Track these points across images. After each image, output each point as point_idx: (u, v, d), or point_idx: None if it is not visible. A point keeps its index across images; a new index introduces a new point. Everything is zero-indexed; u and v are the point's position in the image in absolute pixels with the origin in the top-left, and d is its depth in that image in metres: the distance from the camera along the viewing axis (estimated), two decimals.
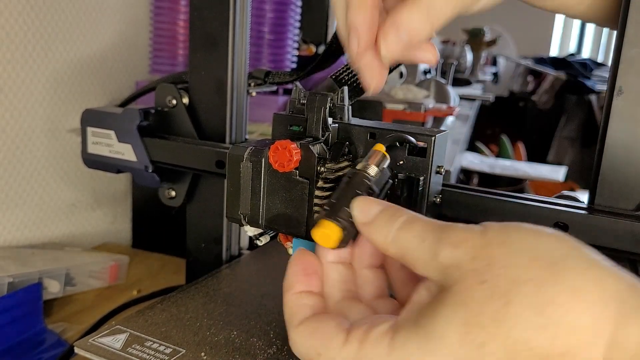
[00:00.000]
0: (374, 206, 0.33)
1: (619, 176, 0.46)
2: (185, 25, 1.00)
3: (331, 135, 0.43)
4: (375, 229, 0.32)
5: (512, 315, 0.25)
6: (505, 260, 0.27)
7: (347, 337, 0.29)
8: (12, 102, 0.87)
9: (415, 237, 0.30)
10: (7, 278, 0.70)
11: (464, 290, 0.27)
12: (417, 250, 0.29)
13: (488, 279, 0.26)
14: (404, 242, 0.30)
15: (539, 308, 0.25)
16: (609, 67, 0.46)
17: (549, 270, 0.26)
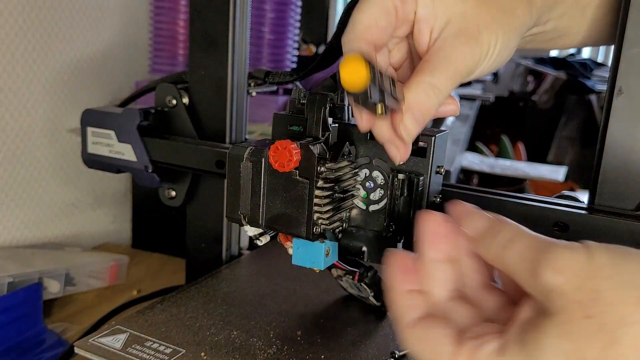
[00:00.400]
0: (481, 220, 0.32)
1: (619, 176, 0.46)
2: (185, 25, 1.00)
3: (331, 135, 0.43)
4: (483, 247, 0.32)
5: (618, 355, 0.25)
6: (612, 296, 0.27)
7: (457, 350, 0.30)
8: (12, 102, 0.87)
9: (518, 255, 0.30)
10: (7, 278, 0.70)
11: (568, 322, 0.27)
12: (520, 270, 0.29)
13: (594, 314, 0.26)
14: (509, 261, 0.30)
15: None
16: (609, 67, 0.46)
17: None
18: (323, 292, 0.58)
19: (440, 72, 0.37)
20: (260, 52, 1.02)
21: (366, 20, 0.37)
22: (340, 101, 0.44)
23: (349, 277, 0.53)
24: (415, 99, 0.36)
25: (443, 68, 0.37)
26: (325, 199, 0.41)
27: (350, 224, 0.46)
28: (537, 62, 2.08)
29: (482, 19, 0.37)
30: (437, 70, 0.37)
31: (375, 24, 0.37)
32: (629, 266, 0.27)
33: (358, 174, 0.45)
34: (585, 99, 1.96)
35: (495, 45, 0.38)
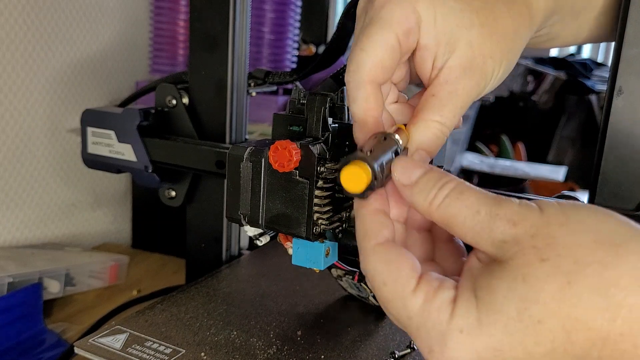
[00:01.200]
0: (417, 168, 0.32)
1: (619, 176, 0.46)
2: (185, 25, 1.00)
3: (331, 135, 0.43)
4: (418, 193, 0.31)
5: (574, 295, 0.26)
6: (567, 240, 0.27)
7: (416, 287, 0.29)
8: (12, 102, 0.87)
9: (467, 207, 0.29)
10: (7, 278, 0.70)
11: (523, 266, 0.27)
12: (468, 221, 0.29)
13: (550, 257, 0.27)
14: (453, 211, 0.30)
15: (602, 290, 0.25)
16: (609, 67, 0.46)
17: (612, 252, 0.26)
18: (323, 292, 0.58)
19: (449, 110, 0.35)
20: (260, 52, 1.02)
21: (371, 62, 0.35)
22: (340, 101, 0.44)
23: (349, 277, 0.53)
24: (424, 141, 0.35)
25: (451, 105, 0.36)
26: (325, 199, 0.41)
27: (350, 224, 0.46)
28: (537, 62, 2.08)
29: (487, 48, 0.36)
30: (446, 108, 0.35)
31: (380, 65, 0.35)
32: (580, 214, 0.28)
33: None
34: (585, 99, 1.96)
35: (499, 72, 0.37)
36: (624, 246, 0.26)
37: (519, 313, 0.26)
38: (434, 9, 0.35)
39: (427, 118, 0.36)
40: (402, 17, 0.35)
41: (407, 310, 0.29)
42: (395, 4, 0.35)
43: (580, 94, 1.98)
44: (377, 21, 0.35)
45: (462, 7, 0.36)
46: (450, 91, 0.36)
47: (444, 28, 0.35)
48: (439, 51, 0.36)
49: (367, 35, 0.35)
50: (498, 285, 0.27)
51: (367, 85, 0.36)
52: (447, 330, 0.28)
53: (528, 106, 2.05)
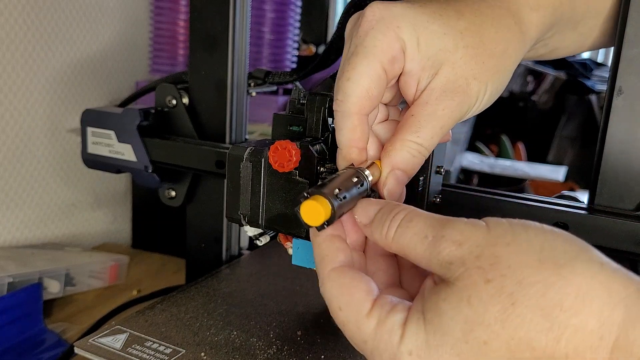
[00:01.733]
0: (373, 206, 0.33)
1: (619, 176, 0.46)
2: (185, 25, 1.00)
3: (331, 135, 0.43)
4: (375, 229, 0.32)
5: (517, 316, 0.26)
6: (511, 260, 0.27)
7: (370, 311, 0.30)
8: (12, 102, 0.87)
9: (416, 234, 0.30)
10: (7, 278, 0.70)
11: (468, 288, 0.27)
12: (417, 248, 0.30)
13: (493, 278, 0.27)
14: (405, 240, 0.30)
15: (545, 310, 0.25)
16: (609, 67, 0.46)
17: (556, 273, 0.26)
18: None
19: (427, 131, 0.35)
20: (260, 52, 1.02)
21: (358, 92, 0.35)
22: None
23: None
24: (400, 160, 0.35)
25: (429, 125, 0.35)
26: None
27: None
28: (537, 62, 2.08)
29: (471, 69, 0.36)
30: (423, 129, 0.35)
31: (367, 95, 0.35)
32: (527, 234, 0.28)
33: None
34: (585, 99, 1.96)
35: (484, 93, 0.37)
36: (568, 267, 0.26)
37: (464, 334, 0.27)
38: (416, 34, 0.35)
39: (403, 138, 0.35)
40: (386, 45, 0.35)
41: (362, 333, 0.30)
42: (378, 31, 0.35)
43: (580, 94, 1.97)
44: (361, 50, 0.35)
45: (445, 31, 0.35)
46: (430, 112, 0.35)
47: (427, 52, 0.35)
48: (423, 75, 0.36)
49: (352, 66, 0.35)
50: (445, 307, 0.28)
51: (353, 116, 0.36)
52: (397, 353, 0.28)
53: (528, 106, 2.05)
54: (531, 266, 0.26)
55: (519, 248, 0.27)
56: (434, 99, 0.35)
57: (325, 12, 1.59)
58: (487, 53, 0.36)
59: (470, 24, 0.36)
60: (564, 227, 0.46)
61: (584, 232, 0.46)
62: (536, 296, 0.26)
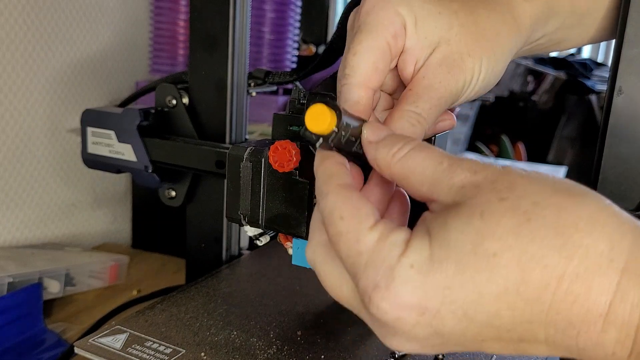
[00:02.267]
0: (386, 130, 0.32)
1: (619, 176, 0.46)
2: (185, 25, 1.00)
3: None
4: (383, 147, 0.31)
5: (531, 231, 0.25)
6: (527, 186, 0.27)
7: (374, 225, 0.29)
8: (12, 102, 0.87)
9: (430, 158, 0.29)
10: (7, 278, 0.70)
11: (481, 204, 0.27)
12: (429, 171, 0.29)
13: (509, 197, 0.26)
14: (414, 162, 0.30)
15: (559, 229, 0.25)
16: (609, 67, 0.46)
17: (570, 199, 0.26)
18: (323, 292, 0.58)
19: (424, 101, 0.36)
20: (260, 52, 1.02)
21: (364, 66, 0.35)
22: None
23: None
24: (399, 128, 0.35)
25: (427, 96, 0.36)
26: None
27: None
28: (537, 62, 2.08)
29: (465, 45, 0.37)
30: (421, 99, 0.36)
31: (374, 69, 0.36)
32: (540, 173, 0.28)
33: None
34: (585, 99, 1.96)
35: (479, 71, 0.38)
36: (581, 195, 0.27)
37: (474, 247, 0.26)
38: (413, 13, 0.36)
39: (402, 108, 0.36)
40: (388, 21, 0.36)
41: (360, 244, 0.28)
42: (380, 8, 0.36)
43: (580, 94, 1.97)
44: (365, 27, 0.36)
45: (440, 10, 0.37)
46: (426, 85, 0.36)
47: (424, 31, 0.37)
48: (420, 54, 0.37)
49: (358, 41, 0.36)
50: (454, 222, 0.27)
51: (361, 88, 0.36)
52: (396, 264, 0.27)
53: (528, 106, 2.05)
54: (546, 192, 0.27)
55: (534, 179, 0.27)
56: (430, 72, 0.36)
57: (325, 12, 1.59)
58: (481, 33, 0.38)
59: (463, 5, 0.38)
60: None
61: None
62: (551, 215, 0.26)
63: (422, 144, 0.31)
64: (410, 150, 0.30)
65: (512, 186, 0.27)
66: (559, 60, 2.12)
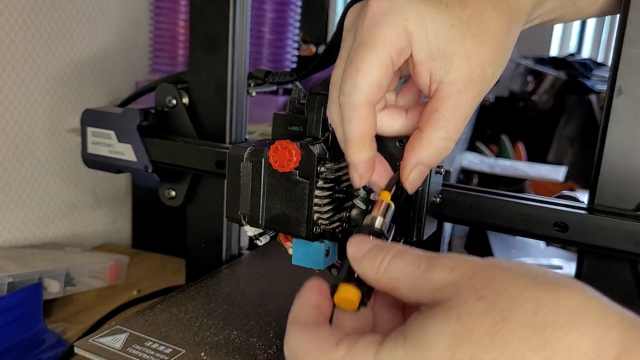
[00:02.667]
0: (367, 243, 0.33)
1: (619, 176, 0.46)
2: (185, 25, 1.00)
3: (331, 135, 0.43)
4: (366, 262, 0.32)
5: (508, 332, 0.25)
6: (505, 280, 0.27)
7: (338, 343, 0.29)
8: (12, 102, 0.87)
9: (407, 264, 0.30)
10: (7, 278, 0.70)
11: (458, 304, 0.26)
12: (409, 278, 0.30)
13: (486, 295, 0.26)
14: (395, 272, 0.30)
15: (538, 328, 0.25)
16: (609, 67, 0.46)
17: (550, 294, 0.26)
18: None
19: (453, 125, 0.36)
20: (260, 52, 1.02)
21: (367, 83, 0.35)
22: None
23: None
24: (426, 157, 0.37)
25: (455, 119, 0.36)
26: (325, 199, 0.41)
27: (350, 224, 0.46)
28: (537, 62, 2.08)
29: (484, 56, 0.36)
30: (450, 124, 0.36)
31: (376, 86, 0.35)
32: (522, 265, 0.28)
33: None
34: (585, 99, 1.96)
35: (497, 76, 0.38)
36: (563, 289, 0.26)
37: (450, 349, 0.25)
38: (424, 25, 0.35)
39: (431, 135, 0.36)
40: (394, 37, 0.35)
41: None
42: (386, 23, 0.35)
43: (580, 94, 1.97)
44: (369, 41, 0.35)
45: (452, 22, 0.36)
46: (454, 105, 0.36)
47: (437, 43, 0.36)
48: (435, 65, 0.36)
49: (361, 57, 0.35)
50: (430, 323, 0.27)
51: (364, 107, 0.36)
52: None
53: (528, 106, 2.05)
54: (525, 286, 0.26)
55: (514, 272, 0.27)
56: (456, 91, 0.36)
57: (325, 12, 1.60)
58: (494, 37, 0.37)
59: (474, 12, 0.37)
60: (564, 227, 0.46)
61: (584, 232, 0.46)
62: (528, 314, 0.25)
63: (400, 250, 0.31)
64: (391, 259, 0.31)
65: (490, 283, 0.27)
66: (559, 60, 2.12)
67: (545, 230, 0.47)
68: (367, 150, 0.37)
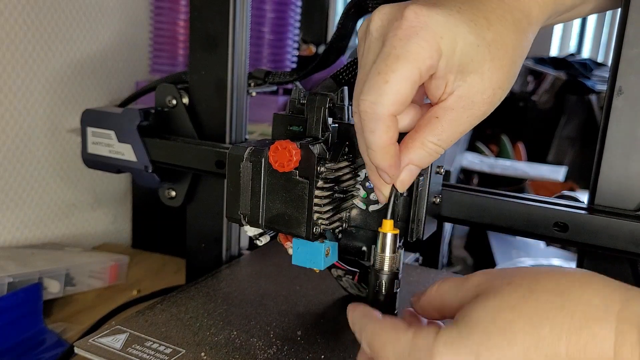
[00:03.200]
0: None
1: (619, 176, 0.46)
2: (185, 25, 1.00)
3: (331, 135, 0.43)
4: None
5: (536, 299, 0.31)
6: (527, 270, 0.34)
7: (407, 328, 0.34)
8: (12, 102, 0.87)
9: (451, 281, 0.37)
10: (7, 278, 0.70)
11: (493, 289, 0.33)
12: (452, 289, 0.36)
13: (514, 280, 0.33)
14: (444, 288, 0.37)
15: (558, 291, 0.31)
16: (609, 67, 0.46)
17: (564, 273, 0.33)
18: (323, 292, 0.58)
19: (447, 135, 0.37)
20: (260, 52, 1.02)
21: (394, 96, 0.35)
22: (340, 101, 0.44)
23: (349, 277, 0.53)
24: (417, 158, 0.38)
25: (451, 131, 0.37)
26: (325, 199, 0.41)
27: (350, 224, 0.46)
28: (537, 62, 2.08)
29: (498, 79, 0.37)
30: (445, 133, 0.37)
31: (402, 100, 0.36)
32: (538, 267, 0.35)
33: (358, 174, 0.45)
34: (585, 99, 1.95)
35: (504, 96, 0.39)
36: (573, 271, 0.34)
37: (493, 318, 0.31)
38: (455, 45, 0.36)
39: (424, 139, 0.38)
40: (428, 54, 0.35)
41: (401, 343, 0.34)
42: (422, 39, 0.35)
43: (580, 94, 1.97)
44: (402, 54, 0.35)
45: (479, 43, 0.36)
46: (454, 118, 0.37)
47: (461, 61, 0.36)
48: (450, 78, 0.36)
49: (392, 68, 0.35)
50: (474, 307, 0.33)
51: (388, 118, 0.36)
52: (433, 345, 0.32)
53: (528, 106, 2.05)
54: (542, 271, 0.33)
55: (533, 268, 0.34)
56: (460, 106, 0.37)
57: (325, 12, 1.60)
58: (511, 61, 0.38)
59: (497, 35, 0.37)
60: (564, 227, 0.46)
61: (584, 232, 0.46)
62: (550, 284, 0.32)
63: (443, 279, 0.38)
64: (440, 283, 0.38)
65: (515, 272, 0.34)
66: (559, 60, 2.12)
67: (545, 230, 0.47)
68: (392, 156, 0.37)
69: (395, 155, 0.37)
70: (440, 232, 0.83)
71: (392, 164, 0.38)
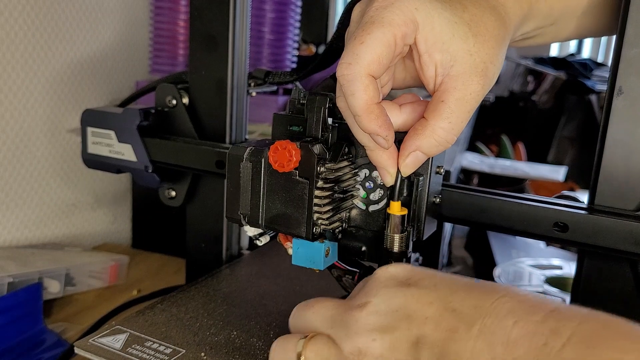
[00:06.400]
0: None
1: (619, 176, 0.46)
2: (185, 25, 1.00)
3: (331, 135, 0.43)
4: None
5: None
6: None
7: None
8: (12, 102, 0.87)
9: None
10: (7, 278, 0.70)
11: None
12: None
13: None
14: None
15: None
16: (609, 67, 0.46)
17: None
18: (323, 292, 0.58)
19: (456, 116, 0.38)
20: (260, 52, 1.02)
21: (369, 56, 0.36)
22: None
23: (349, 277, 0.53)
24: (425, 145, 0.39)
25: (460, 110, 0.38)
26: (325, 199, 0.41)
27: (350, 224, 0.46)
28: (537, 62, 2.08)
29: (486, 54, 0.39)
30: (454, 114, 0.38)
31: (378, 60, 0.36)
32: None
33: (358, 174, 0.45)
34: (585, 99, 1.95)
35: (496, 76, 0.40)
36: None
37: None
38: (431, 18, 0.37)
39: (434, 125, 0.38)
40: (402, 20, 0.36)
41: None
42: (396, 7, 0.37)
43: (580, 94, 1.97)
44: (378, 20, 0.36)
45: (456, 20, 0.38)
46: (459, 97, 0.38)
47: (442, 36, 0.38)
48: (440, 58, 0.38)
49: (367, 32, 0.36)
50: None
51: (365, 77, 0.36)
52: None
53: (528, 106, 2.05)
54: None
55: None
56: (461, 84, 0.38)
57: (325, 12, 1.60)
58: (493, 39, 0.39)
59: (474, 15, 0.39)
60: (563, 227, 0.46)
61: (584, 232, 0.46)
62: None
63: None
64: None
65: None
66: (559, 60, 2.12)
67: (545, 230, 0.47)
68: (379, 115, 0.37)
69: (381, 115, 0.37)
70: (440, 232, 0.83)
71: (381, 123, 0.38)
